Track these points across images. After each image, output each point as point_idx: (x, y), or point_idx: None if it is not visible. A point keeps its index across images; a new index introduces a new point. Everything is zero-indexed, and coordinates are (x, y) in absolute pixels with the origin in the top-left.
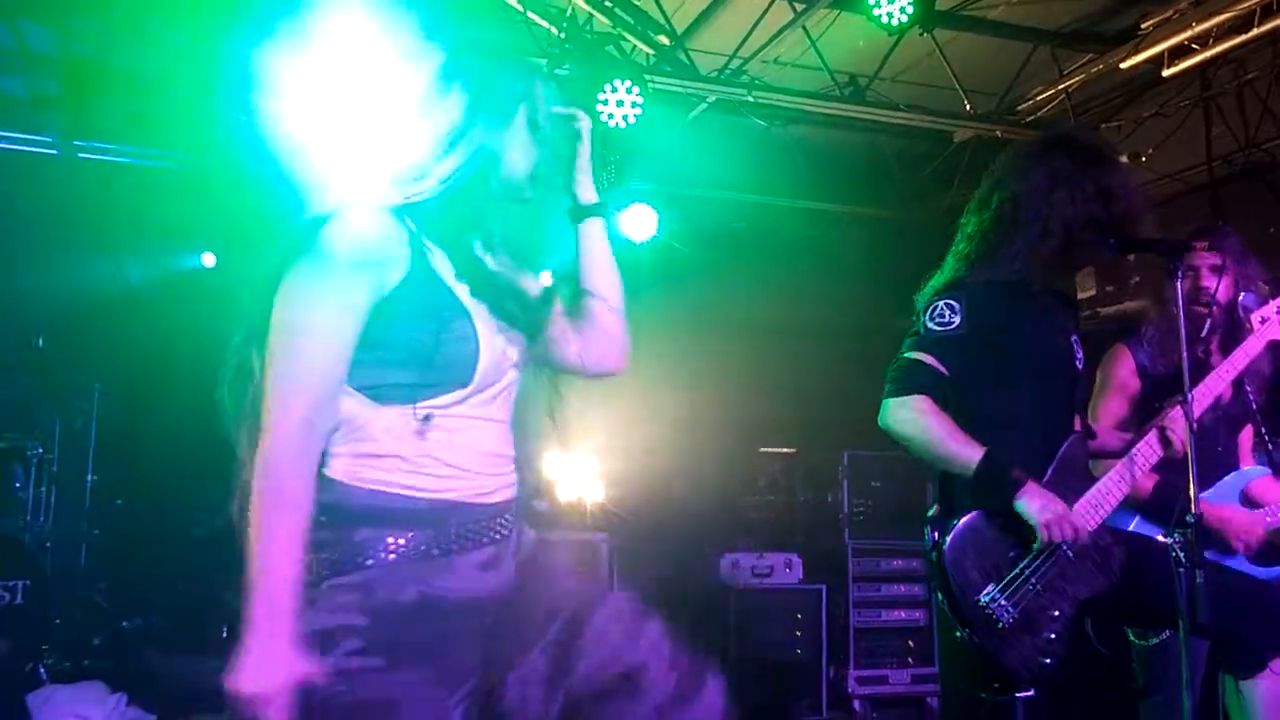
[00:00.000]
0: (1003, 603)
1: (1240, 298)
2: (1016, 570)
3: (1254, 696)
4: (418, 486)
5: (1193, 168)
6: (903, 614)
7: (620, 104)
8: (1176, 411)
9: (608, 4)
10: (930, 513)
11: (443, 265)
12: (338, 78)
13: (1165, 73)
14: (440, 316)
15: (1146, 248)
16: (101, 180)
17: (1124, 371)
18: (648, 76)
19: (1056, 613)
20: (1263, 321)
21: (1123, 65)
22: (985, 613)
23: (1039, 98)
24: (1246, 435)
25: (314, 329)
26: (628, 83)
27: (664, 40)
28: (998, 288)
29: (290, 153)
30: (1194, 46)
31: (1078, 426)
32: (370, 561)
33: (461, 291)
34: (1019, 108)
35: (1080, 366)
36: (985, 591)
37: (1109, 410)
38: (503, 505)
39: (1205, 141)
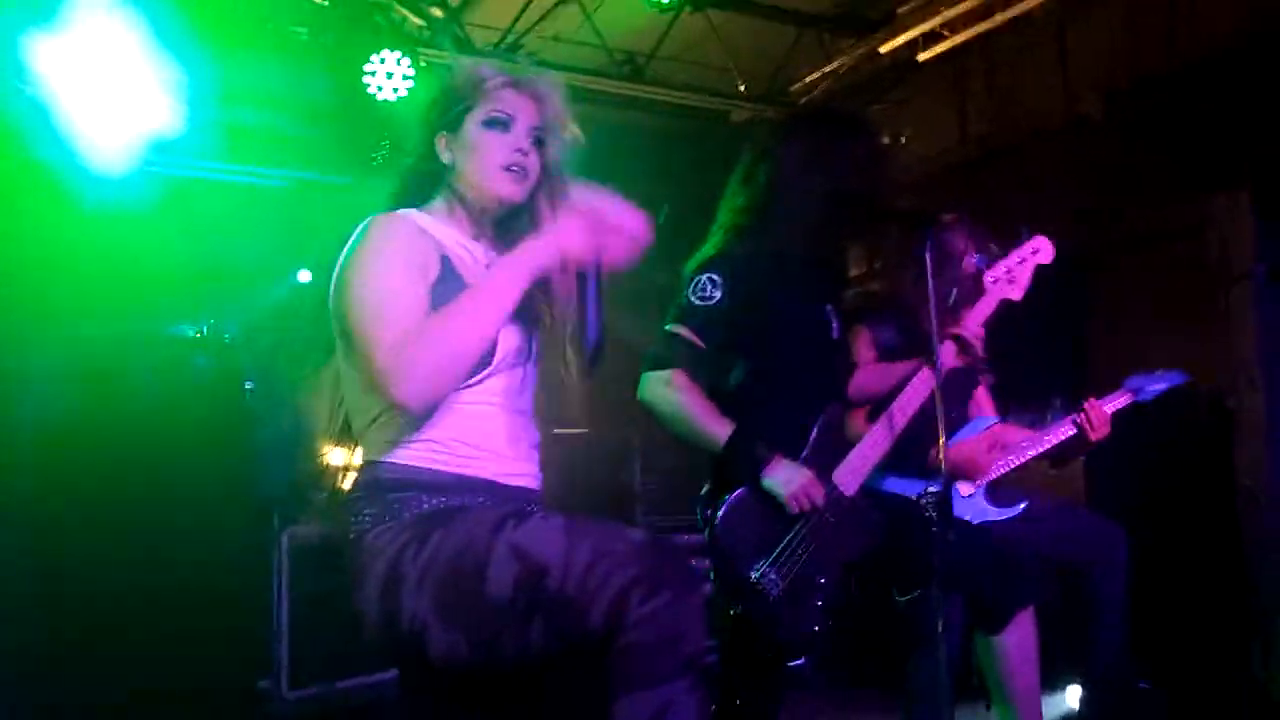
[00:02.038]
0: (772, 576)
1: (974, 259)
2: (783, 543)
3: (1003, 651)
4: (447, 465)
5: (948, 149)
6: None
7: (390, 75)
8: (924, 372)
9: None
10: (703, 490)
11: (466, 259)
12: None
13: (920, 57)
14: None
15: (898, 218)
16: None
17: (864, 349)
18: (420, 49)
19: (822, 579)
20: (994, 282)
21: (881, 50)
22: (757, 588)
23: (809, 80)
24: (981, 393)
25: (397, 290)
26: (397, 54)
27: (437, 12)
28: (759, 260)
29: None
30: (944, 32)
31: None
32: (407, 514)
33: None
34: (791, 89)
35: (836, 336)
36: (755, 566)
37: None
38: (529, 491)
39: (959, 123)
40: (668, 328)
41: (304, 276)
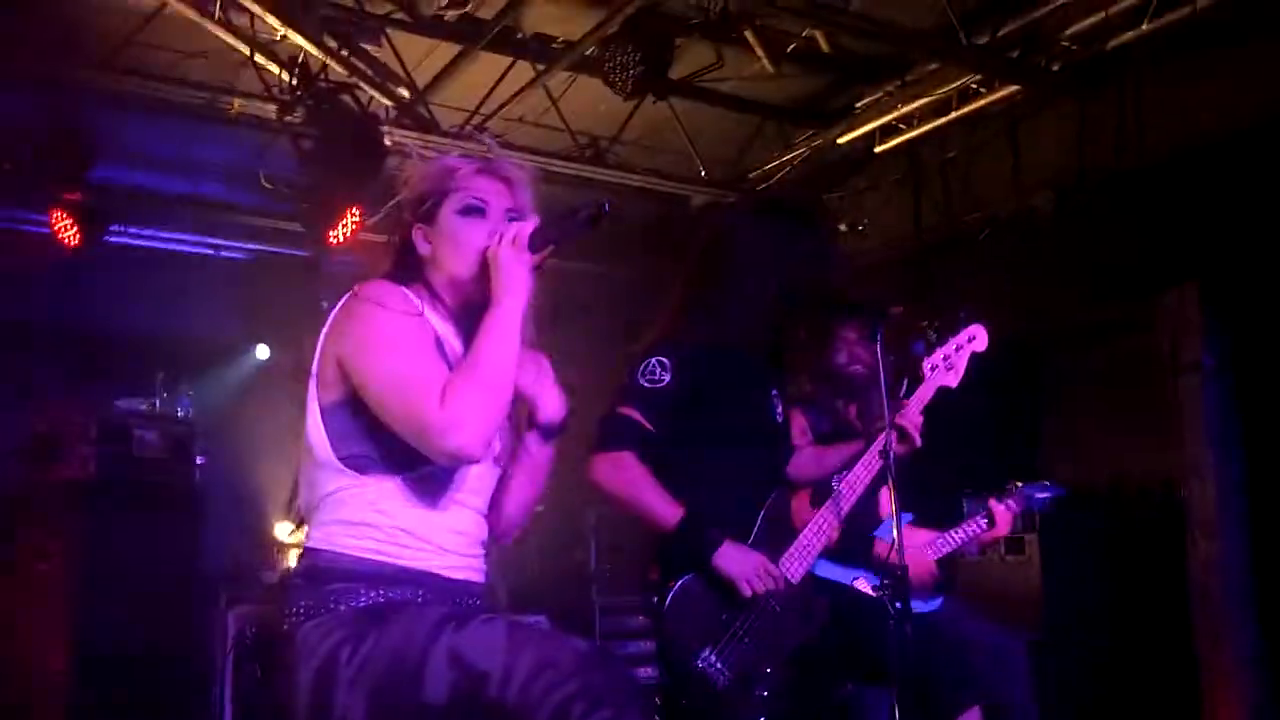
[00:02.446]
0: (718, 665)
1: (912, 346)
2: (730, 630)
3: None
4: (388, 554)
5: (902, 237)
6: (651, 670)
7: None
8: (871, 456)
9: (344, 53)
10: (650, 576)
11: (448, 340)
12: None
13: (876, 149)
14: None
15: (848, 309)
16: None
17: (798, 435)
18: (386, 129)
19: (768, 669)
20: (932, 369)
21: (839, 141)
22: (703, 677)
23: (768, 167)
24: (884, 490)
25: (422, 349)
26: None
27: (405, 94)
28: (706, 348)
29: None
30: (901, 126)
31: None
32: (343, 607)
33: None
34: (750, 175)
35: (780, 421)
36: (702, 656)
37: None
38: (470, 584)
39: (914, 213)
40: (617, 409)
41: (262, 352)
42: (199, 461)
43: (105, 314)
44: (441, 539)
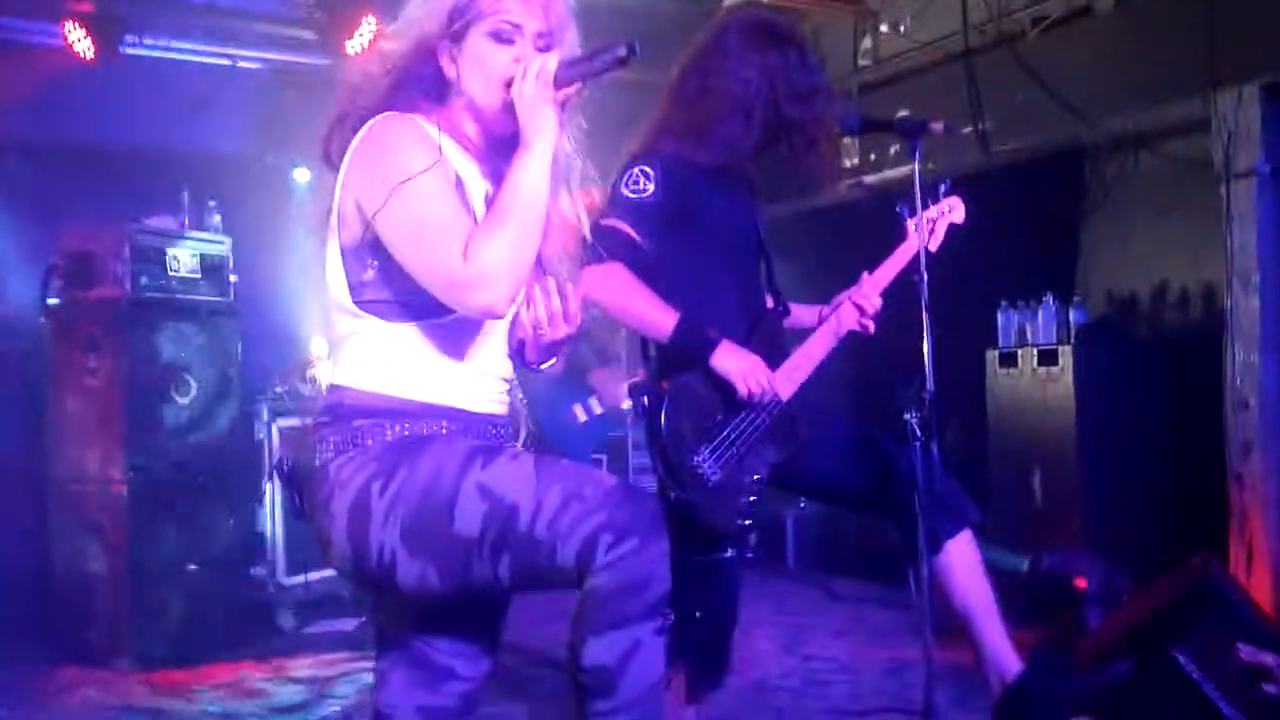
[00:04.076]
0: (711, 463)
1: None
2: (724, 432)
3: (950, 568)
4: (411, 392)
5: (948, 36)
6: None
7: None
8: (862, 283)
9: None
10: (638, 379)
11: (470, 180)
12: None
13: None
14: None
15: (887, 127)
16: None
17: None
18: None
19: (756, 476)
20: (914, 229)
21: None
22: (696, 472)
23: None
24: None
25: (445, 199)
26: None
27: None
28: (692, 165)
29: None
30: None
31: (769, 304)
32: (370, 441)
33: (480, 209)
34: None
35: (763, 241)
36: (698, 452)
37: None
38: (494, 417)
39: (961, 10)
40: (603, 221)
41: (301, 175)
42: (232, 279)
43: (126, 128)
44: (464, 377)
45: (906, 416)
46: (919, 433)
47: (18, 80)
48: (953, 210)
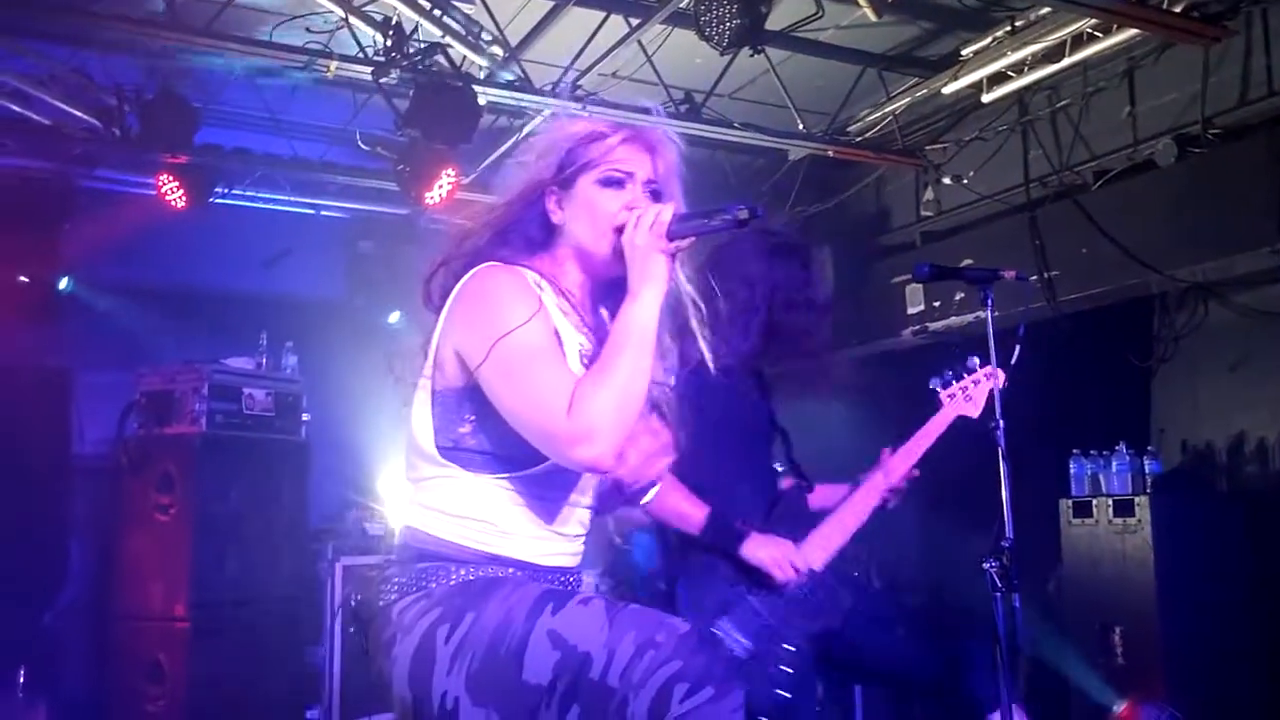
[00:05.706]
0: (735, 635)
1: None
2: (748, 605)
3: None
4: (486, 545)
5: (1011, 189)
6: None
7: None
8: (888, 456)
9: (436, 12)
10: (653, 565)
11: (565, 333)
12: None
13: (985, 98)
14: None
15: (959, 275)
16: None
17: None
18: (479, 89)
19: (792, 647)
20: (950, 399)
21: (945, 90)
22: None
23: (868, 118)
24: None
25: (549, 352)
26: None
27: (498, 51)
28: (706, 373)
29: None
30: (1010, 74)
31: (786, 484)
32: (434, 584)
33: (575, 361)
34: (849, 128)
35: (775, 429)
36: (718, 624)
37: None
38: (563, 569)
39: (1023, 164)
40: None
41: (394, 317)
42: (305, 418)
43: (211, 273)
44: (535, 531)
45: (985, 566)
46: (999, 583)
47: (113, 227)
48: (990, 378)
